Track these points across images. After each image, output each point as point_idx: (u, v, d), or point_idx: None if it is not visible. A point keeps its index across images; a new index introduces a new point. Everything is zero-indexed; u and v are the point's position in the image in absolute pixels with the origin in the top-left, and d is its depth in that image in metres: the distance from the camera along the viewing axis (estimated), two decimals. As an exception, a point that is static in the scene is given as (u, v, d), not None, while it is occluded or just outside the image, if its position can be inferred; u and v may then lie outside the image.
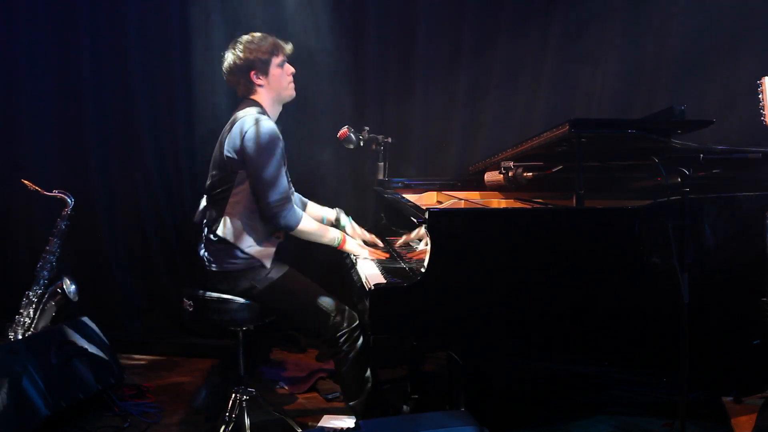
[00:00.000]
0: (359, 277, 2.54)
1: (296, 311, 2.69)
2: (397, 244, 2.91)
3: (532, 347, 2.26)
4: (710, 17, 3.60)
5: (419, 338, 2.53)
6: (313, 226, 2.69)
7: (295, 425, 2.83)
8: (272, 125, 2.58)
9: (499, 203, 3.08)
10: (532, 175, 2.68)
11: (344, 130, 3.23)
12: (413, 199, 3.14)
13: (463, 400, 2.30)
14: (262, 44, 2.67)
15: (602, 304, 2.22)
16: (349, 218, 3.03)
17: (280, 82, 2.71)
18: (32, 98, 4.03)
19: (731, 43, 3.59)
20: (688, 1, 3.68)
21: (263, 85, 2.69)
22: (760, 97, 2.42)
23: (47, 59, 4.02)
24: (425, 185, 3.50)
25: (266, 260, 2.63)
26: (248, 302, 2.63)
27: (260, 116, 2.59)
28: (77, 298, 3.33)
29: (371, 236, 2.98)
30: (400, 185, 3.48)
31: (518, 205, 2.87)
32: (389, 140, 3.44)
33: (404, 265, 2.60)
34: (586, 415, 2.93)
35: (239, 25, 3.93)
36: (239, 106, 2.71)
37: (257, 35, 2.70)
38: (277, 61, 2.69)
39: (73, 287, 3.31)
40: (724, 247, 2.46)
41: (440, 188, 3.48)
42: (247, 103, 2.69)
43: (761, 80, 2.42)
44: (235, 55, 2.66)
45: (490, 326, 2.16)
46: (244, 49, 2.65)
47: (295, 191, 2.86)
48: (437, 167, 3.99)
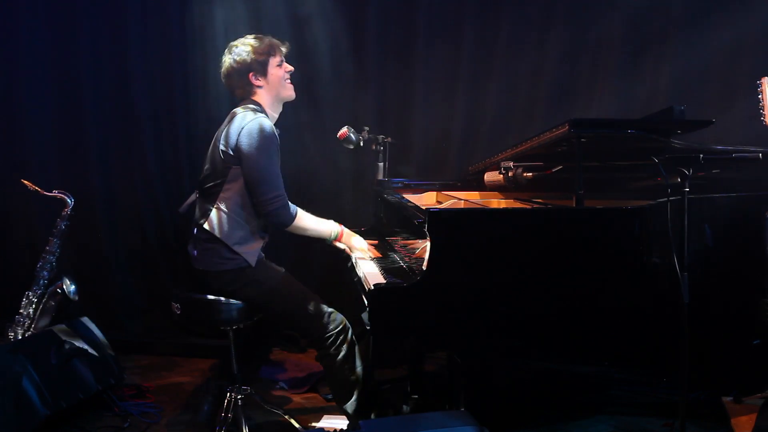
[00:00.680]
0: (359, 277, 2.54)
1: (282, 313, 2.69)
2: (415, 254, 2.89)
3: (531, 347, 2.26)
4: (710, 17, 3.61)
5: (419, 338, 2.52)
6: (308, 221, 2.69)
7: (295, 425, 2.83)
8: (269, 123, 2.59)
9: (498, 203, 3.08)
10: (531, 175, 2.68)
11: (344, 130, 3.23)
12: (413, 199, 3.14)
13: (463, 400, 2.30)
14: (258, 46, 2.66)
15: (602, 304, 2.22)
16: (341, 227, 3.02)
17: (278, 80, 2.71)
18: (32, 98, 4.02)
19: (731, 43, 3.59)
20: (688, 1, 3.68)
21: (262, 86, 2.69)
22: (759, 97, 2.42)
23: (47, 59, 4.02)
24: (425, 185, 3.49)
25: (252, 259, 2.62)
26: (234, 302, 2.63)
27: (258, 114, 2.60)
28: (77, 298, 3.33)
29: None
30: (400, 185, 3.48)
31: (518, 205, 2.86)
32: (389, 140, 3.43)
33: (404, 265, 2.60)
34: (586, 415, 2.93)
35: (239, 25, 3.93)
36: (239, 104, 2.71)
37: (252, 37, 2.69)
38: (275, 61, 2.69)
39: (73, 287, 3.30)
40: (724, 247, 2.47)
41: (440, 188, 3.48)
42: (246, 102, 2.69)
43: (761, 80, 2.43)
44: (231, 59, 2.66)
45: (489, 326, 2.16)
46: (240, 52, 2.65)
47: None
48: (437, 167, 4.00)
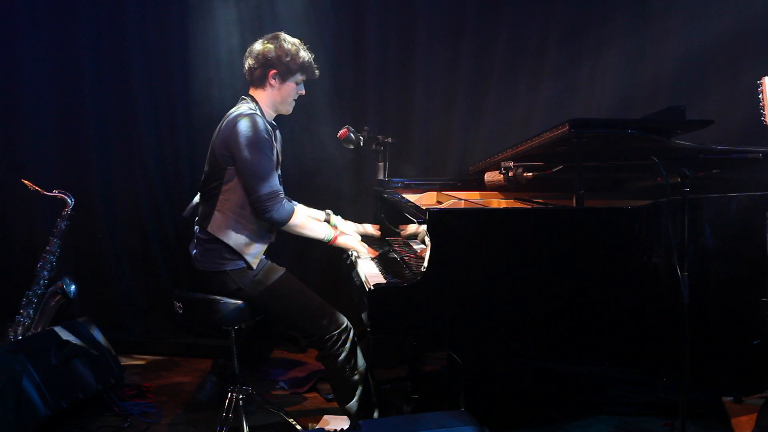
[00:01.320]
0: (359, 277, 2.54)
1: (283, 313, 2.69)
2: (403, 234, 2.88)
3: (531, 347, 2.26)
4: (710, 17, 3.61)
5: (419, 338, 2.53)
6: (304, 220, 2.69)
7: (295, 425, 2.83)
8: (261, 121, 2.59)
9: (499, 203, 3.08)
10: (532, 175, 2.68)
11: (344, 130, 3.23)
12: (413, 199, 3.14)
13: (463, 399, 2.29)
14: (298, 56, 2.66)
15: (602, 303, 2.22)
16: (338, 217, 3.03)
17: (288, 95, 2.72)
18: (32, 98, 4.02)
19: (731, 43, 3.59)
20: (688, 1, 3.68)
21: (274, 87, 2.69)
22: (760, 97, 2.42)
23: (47, 59, 4.02)
24: (425, 185, 3.49)
25: (253, 261, 2.63)
26: (236, 302, 2.63)
27: (252, 114, 2.60)
28: (77, 298, 3.33)
29: (363, 227, 2.97)
30: (400, 185, 3.47)
31: (518, 205, 2.86)
32: (389, 140, 3.43)
33: (404, 265, 2.60)
34: (586, 415, 2.93)
35: (239, 24, 3.94)
36: (238, 102, 2.72)
37: (301, 46, 2.69)
38: (299, 78, 2.70)
39: (73, 287, 3.31)
40: (724, 246, 2.47)
41: (440, 188, 3.48)
42: (245, 99, 2.71)
43: (761, 80, 2.42)
44: (271, 46, 2.65)
45: (490, 326, 2.16)
46: (282, 48, 2.64)
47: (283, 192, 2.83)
48: (437, 167, 3.99)
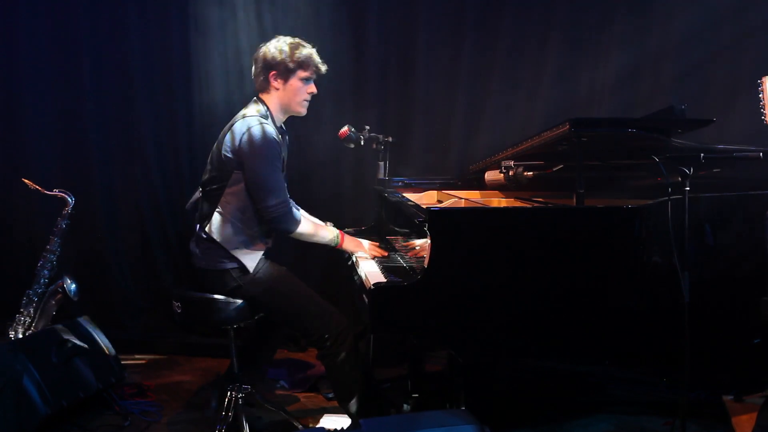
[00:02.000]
0: (359, 276, 2.54)
1: (283, 312, 2.70)
2: (410, 254, 2.88)
3: (532, 346, 2.26)
4: (711, 17, 3.60)
5: (419, 337, 2.52)
6: (311, 228, 2.70)
7: (296, 424, 2.83)
8: (271, 130, 2.58)
9: (499, 202, 3.08)
10: (532, 174, 2.68)
11: (345, 129, 3.23)
12: (414, 198, 3.14)
13: (463, 398, 2.30)
14: (295, 53, 2.65)
15: (602, 302, 2.22)
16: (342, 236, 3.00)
17: (295, 94, 2.69)
18: (33, 98, 4.02)
19: (731, 42, 3.59)
20: (690, 1, 3.68)
21: (278, 88, 2.68)
22: (760, 96, 2.42)
23: (47, 59, 4.01)
24: (426, 184, 3.49)
25: (251, 264, 2.62)
26: (234, 301, 2.63)
27: (261, 119, 2.59)
28: (78, 297, 3.33)
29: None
30: (400, 184, 3.48)
31: (518, 204, 2.87)
32: (390, 139, 3.43)
33: (404, 263, 2.60)
34: (586, 414, 2.93)
35: (239, 25, 3.93)
36: (248, 104, 2.71)
37: (297, 43, 2.68)
38: (302, 75, 2.66)
39: (73, 286, 3.30)
40: (724, 246, 2.47)
41: (441, 187, 3.48)
42: (255, 102, 2.70)
43: (761, 80, 2.42)
44: (267, 49, 2.66)
45: (490, 325, 2.16)
46: (278, 48, 2.64)
47: (290, 197, 2.83)
48: (437, 166, 3.99)
